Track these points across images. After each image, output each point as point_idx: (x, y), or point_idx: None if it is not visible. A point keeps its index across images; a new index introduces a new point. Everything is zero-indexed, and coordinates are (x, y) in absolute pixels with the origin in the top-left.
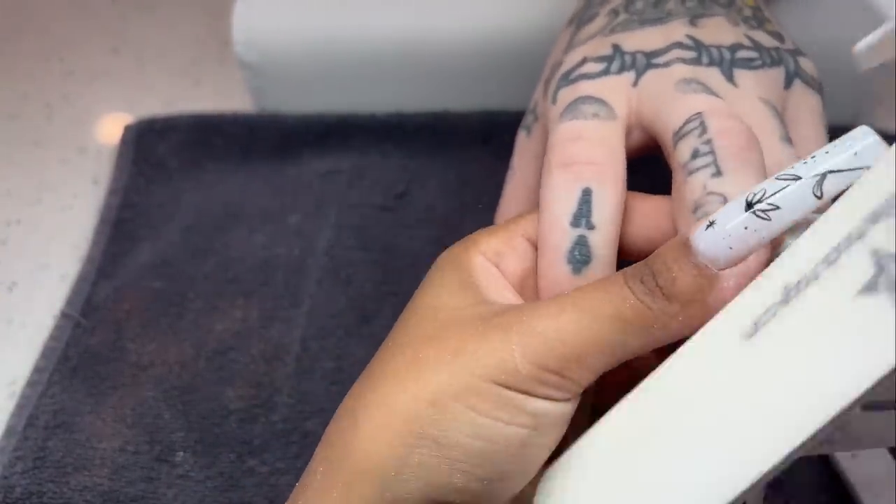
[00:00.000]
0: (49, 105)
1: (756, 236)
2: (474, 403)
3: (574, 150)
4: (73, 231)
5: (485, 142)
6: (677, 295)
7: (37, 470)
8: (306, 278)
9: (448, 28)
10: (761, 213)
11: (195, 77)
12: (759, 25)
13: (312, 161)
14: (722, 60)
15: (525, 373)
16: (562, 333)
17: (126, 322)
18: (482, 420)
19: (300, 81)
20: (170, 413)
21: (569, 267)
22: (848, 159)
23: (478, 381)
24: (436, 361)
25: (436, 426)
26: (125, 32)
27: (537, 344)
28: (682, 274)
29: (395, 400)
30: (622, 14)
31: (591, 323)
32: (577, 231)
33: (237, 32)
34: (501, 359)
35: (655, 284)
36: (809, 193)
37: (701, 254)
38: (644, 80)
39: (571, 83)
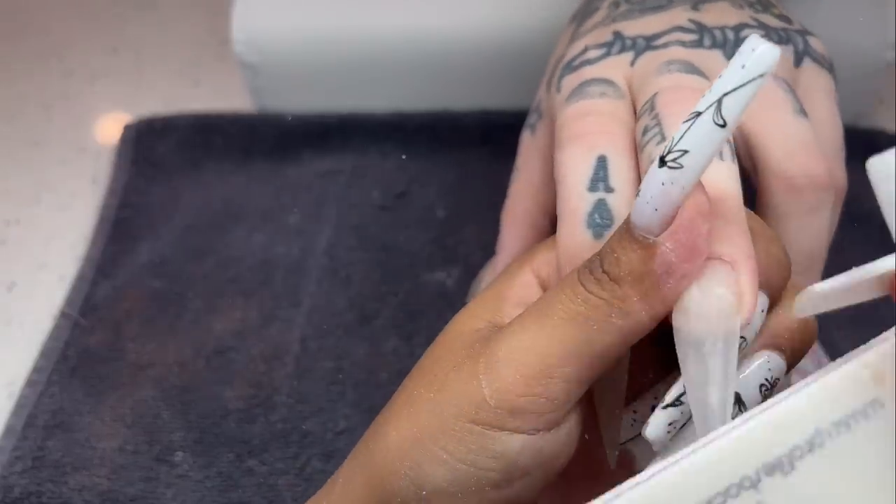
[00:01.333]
0: (48, 105)
1: (676, 188)
2: (447, 445)
3: (584, 123)
4: (73, 231)
5: (484, 142)
6: (624, 275)
7: (36, 470)
8: (306, 278)
9: (448, 28)
10: (672, 164)
11: (195, 77)
12: (764, 9)
13: (312, 161)
14: (726, 42)
15: (494, 403)
16: (522, 350)
17: (125, 322)
18: (455, 464)
19: (300, 81)
20: (169, 413)
21: (589, 232)
22: (738, 75)
23: (452, 422)
24: (423, 399)
25: (416, 468)
26: (125, 32)
27: (500, 369)
28: (622, 252)
29: (387, 437)
30: (623, 4)
31: (549, 332)
32: (596, 195)
33: (237, 32)
34: (471, 392)
35: (602, 270)
36: (711, 124)
37: (637, 226)
38: (640, 60)
39: (574, 70)
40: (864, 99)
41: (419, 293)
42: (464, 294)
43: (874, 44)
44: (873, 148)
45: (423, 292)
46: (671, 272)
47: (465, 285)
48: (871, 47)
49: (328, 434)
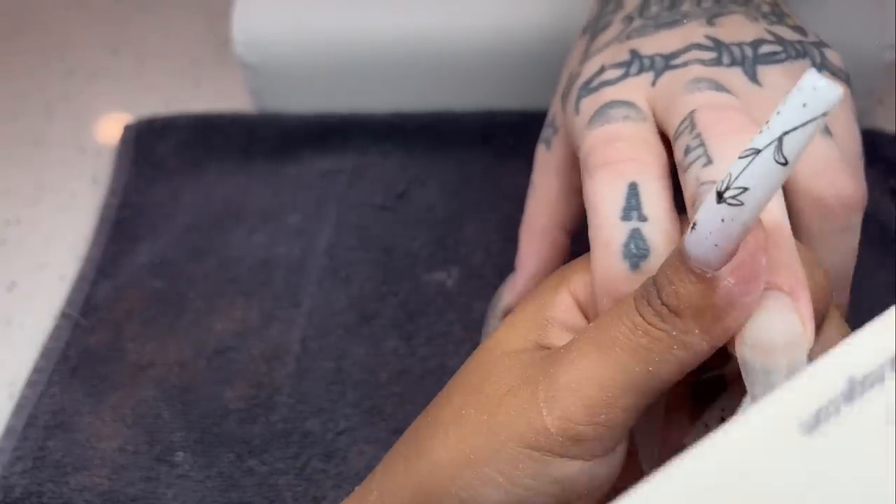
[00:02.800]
0: (49, 105)
1: (736, 225)
2: (504, 469)
3: (612, 150)
4: (73, 231)
5: (485, 142)
6: (684, 308)
7: (36, 470)
8: (306, 278)
9: (448, 28)
10: (732, 201)
11: (195, 77)
12: (779, 21)
13: (312, 161)
14: (744, 59)
15: (555, 431)
16: (584, 380)
17: (126, 322)
18: (510, 487)
19: (300, 81)
20: (169, 413)
21: (625, 263)
22: (799, 114)
23: (510, 447)
24: (475, 420)
25: (468, 489)
26: (125, 32)
27: (562, 397)
28: (681, 285)
29: (434, 454)
30: (637, 19)
31: (611, 363)
32: (630, 224)
33: (237, 32)
34: (531, 419)
35: (661, 303)
36: (772, 162)
37: (693, 259)
38: (661, 80)
39: (593, 91)
40: (864, 99)
41: (419, 293)
42: (464, 294)
43: (874, 44)
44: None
45: (423, 292)
46: (733, 305)
47: (465, 285)
48: (871, 47)
49: (329, 434)
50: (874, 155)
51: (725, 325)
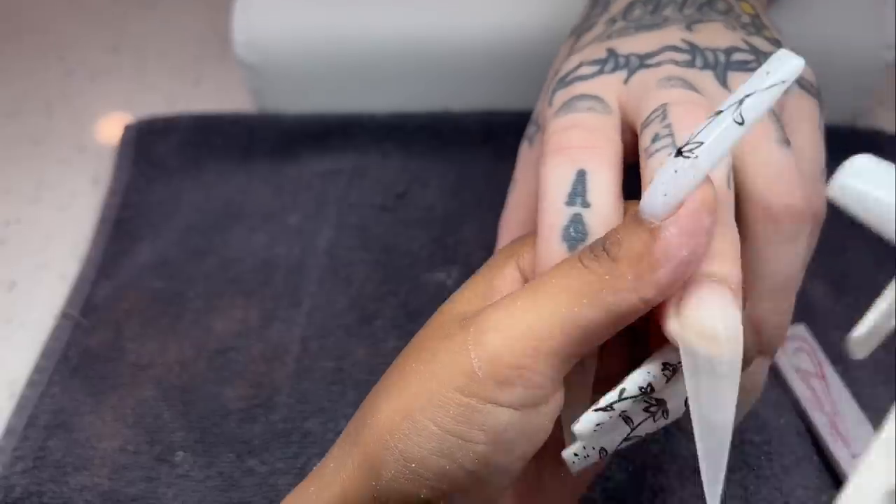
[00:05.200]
0: (49, 104)
1: (686, 177)
2: (436, 416)
3: (567, 136)
4: (73, 231)
5: (485, 142)
6: (622, 254)
7: (37, 469)
8: (306, 278)
9: (448, 28)
10: (687, 153)
11: (195, 77)
12: (756, 32)
13: (312, 161)
14: (717, 64)
15: (482, 374)
16: (512, 321)
17: (126, 322)
18: (443, 435)
19: (300, 81)
20: (169, 413)
21: (564, 245)
22: (761, 79)
23: (441, 390)
24: (414, 371)
25: (405, 440)
26: (125, 31)
27: (491, 339)
28: (625, 232)
29: (380, 413)
30: (619, 21)
31: (540, 303)
32: (573, 209)
33: (237, 33)
34: (460, 362)
35: (602, 249)
36: (730, 121)
37: (643, 211)
38: (634, 78)
39: (566, 85)
40: (864, 99)
41: (419, 293)
42: None
43: (873, 44)
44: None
45: (423, 292)
46: (669, 257)
47: None
48: (871, 47)
49: (329, 434)
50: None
51: (657, 277)
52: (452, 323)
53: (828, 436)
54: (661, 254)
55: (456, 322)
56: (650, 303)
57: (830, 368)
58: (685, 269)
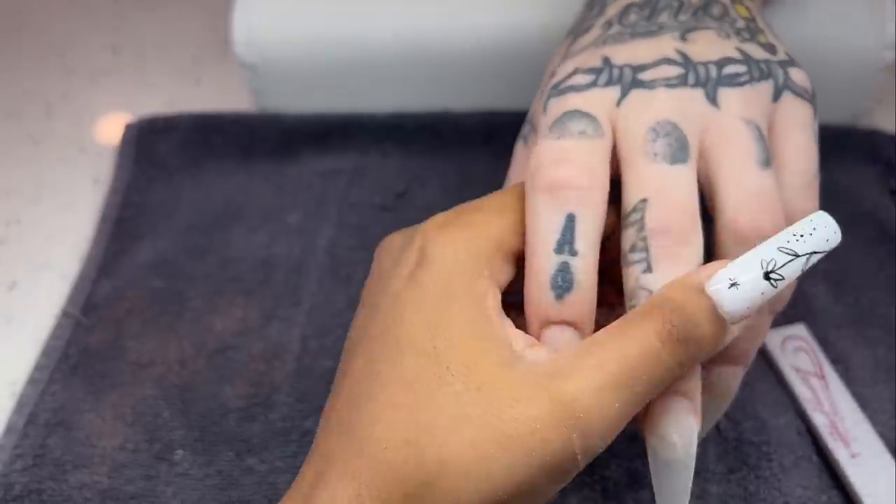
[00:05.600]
0: (49, 104)
1: (764, 298)
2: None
3: (558, 173)
4: (74, 230)
5: (485, 142)
6: (703, 346)
7: (36, 468)
8: (306, 277)
9: (448, 28)
10: (774, 283)
11: (196, 76)
12: (751, 37)
13: (312, 160)
14: (708, 80)
15: (581, 460)
16: (610, 420)
17: (126, 321)
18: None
19: (300, 81)
20: (169, 411)
21: (552, 293)
22: (822, 243)
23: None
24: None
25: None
26: (126, 31)
27: (593, 435)
28: (708, 327)
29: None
30: (615, 26)
31: (630, 401)
32: (561, 257)
33: (237, 33)
34: (559, 443)
35: (690, 338)
36: (800, 268)
37: (724, 310)
38: (627, 102)
39: (561, 94)
40: (863, 99)
41: None
42: None
43: (873, 44)
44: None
45: None
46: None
47: None
48: (870, 47)
49: None
50: (874, 155)
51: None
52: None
53: (827, 436)
54: (725, 344)
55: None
56: None
57: (830, 368)
58: None
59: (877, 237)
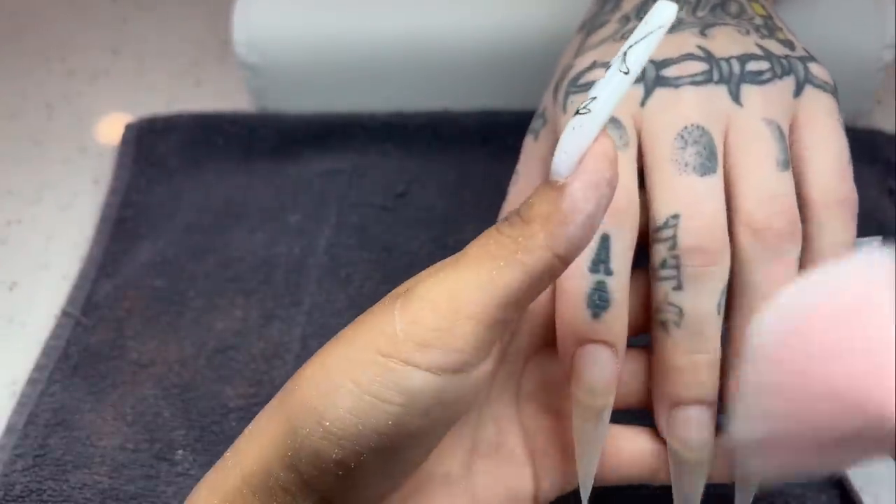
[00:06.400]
0: (50, 104)
1: (583, 132)
2: (355, 375)
3: None
4: (74, 230)
5: (485, 142)
6: (534, 215)
7: (37, 468)
8: (306, 277)
9: (448, 28)
10: (583, 110)
11: (196, 77)
12: (769, 34)
13: (312, 161)
14: (731, 76)
15: (402, 335)
16: (437, 287)
17: (126, 321)
18: (360, 394)
19: (300, 81)
20: (170, 411)
21: (588, 312)
22: (641, 30)
23: (362, 351)
24: (343, 336)
25: (322, 398)
26: (126, 32)
27: (413, 304)
28: (536, 196)
29: (305, 373)
30: (633, 21)
31: (460, 270)
32: (596, 276)
33: (237, 33)
34: (384, 324)
35: (516, 214)
36: (618, 73)
37: (551, 172)
38: (651, 102)
39: (581, 90)
40: (863, 99)
41: None
42: None
43: (872, 44)
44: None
45: None
46: (576, 211)
47: None
48: (870, 47)
49: None
50: (873, 155)
51: (568, 232)
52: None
53: None
54: (568, 209)
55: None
56: (565, 259)
57: None
58: (593, 220)
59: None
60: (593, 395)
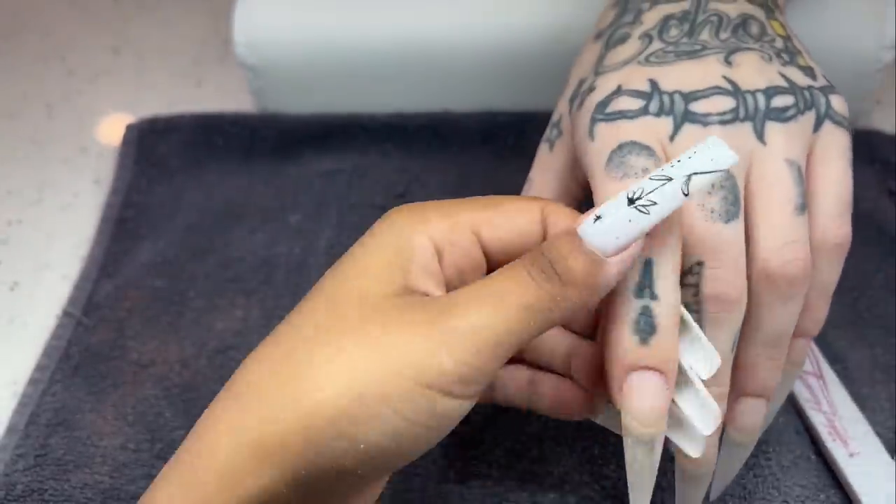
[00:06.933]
0: (50, 105)
1: (636, 227)
2: (396, 404)
3: None
4: (75, 230)
5: (485, 142)
6: (574, 280)
7: (38, 467)
8: (307, 277)
9: (448, 28)
10: (641, 208)
11: (196, 77)
12: (791, 60)
13: (313, 161)
14: (756, 112)
15: (450, 370)
16: (481, 330)
17: (127, 321)
18: (399, 421)
19: (301, 82)
20: (170, 411)
21: (636, 337)
22: (706, 163)
23: (405, 383)
24: (362, 357)
25: (357, 424)
26: (126, 32)
27: (462, 342)
28: (576, 262)
29: (320, 393)
30: (656, 41)
31: (504, 316)
32: (641, 301)
33: (238, 34)
34: (429, 358)
35: (554, 272)
36: (679, 191)
37: (590, 243)
38: (680, 139)
39: (610, 120)
40: (862, 99)
41: None
42: None
43: (872, 44)
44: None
45: None
46: (610, 283)
47: None
48: (869, 48)
49: None
50: (872, 155)
51: (595, 299)
52: (391, 309)
53: (826, 435)
54: (605, 281)
55: (395, 307)
56: (590, 310)
57: (828, 368)
58: (610, 287)
59: (875, 237)
60: (644, 424)
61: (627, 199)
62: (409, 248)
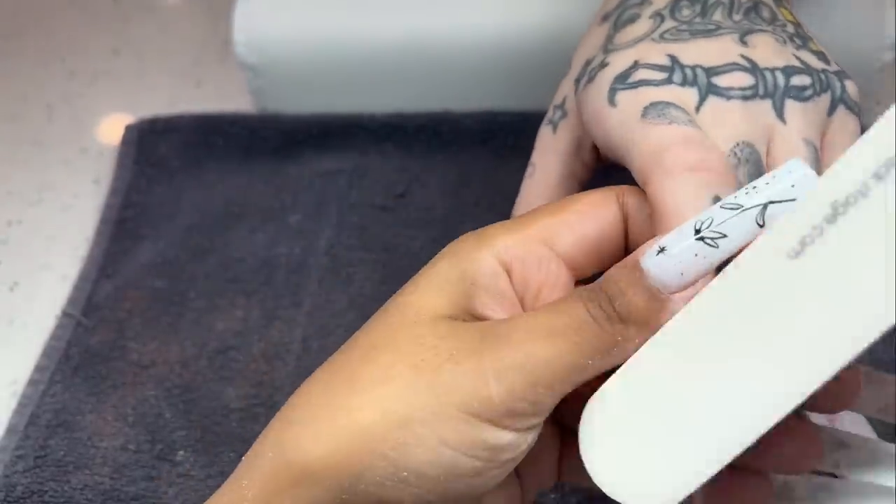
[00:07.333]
0: (50, 105)
1: (704, 262)
2: (443, 433)
3: (693, 154)
4: (75, 231)
5: (485, 142)
6: (634, 319)
7: (38, 469)
8: (307, 278)
9: (448, 28)
10: (710, 241)
11: (196, 78)
12: (803, 44)
13: (313, 161)
14: (776, 89)
15: (499, 402)
16: (533, 361)
17: (127, 321)
18: (444, 450)
19: (301, 82)
20: (171, 412)
21: None
22: (786, 190)
23: (450, 410)
24: (408, 381)
25: (399, 449)
26: (126, 33)
27: (512, 375)
28: (636, 299)
29: (362, 414)
30: (668, 20)
31: (559, 349)
32: None
33: (238, 34)
34: (476, 387)
35: (613, 310)
36: (752, 222)
37: (653, 278)
38: (705, 110)
39: (632, 88)
40: (862, 100)
41: None
42: None
43: (871, 44)
44: None
45: None
46: (670, 316)
47: None
48: (869, 48)
49: None
50: None
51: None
52: (447, 335)
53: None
54: (665, 319)
55: (451, 333)
56: None
57: None
58: None
59: None
60: None
61: (694, 230)
62: (472, 270)
